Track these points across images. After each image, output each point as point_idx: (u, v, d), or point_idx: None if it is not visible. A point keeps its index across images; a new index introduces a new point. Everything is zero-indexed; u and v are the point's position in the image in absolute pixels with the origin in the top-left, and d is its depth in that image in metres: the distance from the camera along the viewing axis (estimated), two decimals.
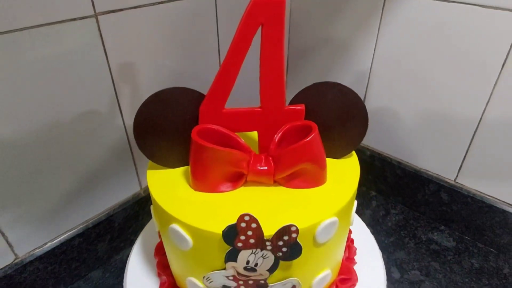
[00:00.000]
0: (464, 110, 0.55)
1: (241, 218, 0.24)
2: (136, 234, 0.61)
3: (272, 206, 0.27)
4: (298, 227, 0.24)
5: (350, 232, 0.41)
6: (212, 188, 0.28)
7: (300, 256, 0.26)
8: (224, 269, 0.27)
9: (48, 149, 0.45)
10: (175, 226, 0.26)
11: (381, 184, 0.70)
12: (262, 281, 0.27)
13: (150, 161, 0.32)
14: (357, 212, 0.51)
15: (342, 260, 0.36)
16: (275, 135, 0.29)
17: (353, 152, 0.33)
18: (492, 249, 0.60)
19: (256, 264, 0.26)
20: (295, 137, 0.28)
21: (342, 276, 0.35)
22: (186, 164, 0.31)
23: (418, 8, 0.53)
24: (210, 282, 0.28)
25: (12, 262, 0.47)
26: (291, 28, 0.71)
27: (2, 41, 0.37)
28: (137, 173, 0.58)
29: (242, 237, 0.24)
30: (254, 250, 0.25)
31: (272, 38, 0.27)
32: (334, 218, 0.26)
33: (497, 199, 0.57)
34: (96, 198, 0.54)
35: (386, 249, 0.60)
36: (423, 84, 0.58)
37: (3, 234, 0.45)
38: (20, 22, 0.37)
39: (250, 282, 0.27)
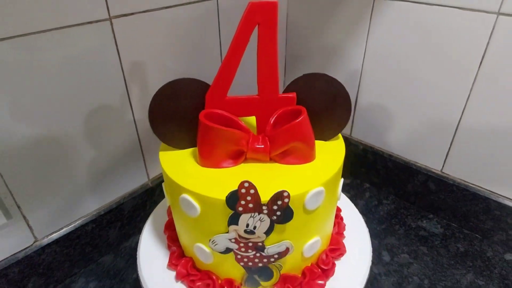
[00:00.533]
0: (447, 104, 0.59)
1: (241, 184, 0.28)
2: (144, 222, 0.65)
3: (268, 178, 0.31)
4: (290, 194, 0.28)
5: (339, 210, 0.45)
6: (216, 164, 0.33)
7: (292, 221, 0.30)
8: (227, 232, 0.31)
9: (65, 143, 0.50)
10: (185, 195, 0.31)
11: (374, 176, 0.74)
12: (260, 243, 0.31)
13: (162, 144, 0.37)
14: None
15: (332, 234, 0.40)
16: (271, 118, 0.33)
17: (339, 135, 0.38)
18: (477, 235, 0.64)
19: (254, 227, 0.30)
20: (287, 120, 0.32)
21: (332, 247, 0.39)
22: (193, 145, 0.35)
23: (404, 10, 0.58)
24: (215, 245, 0.32)
25: (32, 244, 0.52)
26: (288, 35, 0.75)
27: (24, 42, 0.42)
28: (145, 165, 0.62)
29: (242, 202, 0.29)
30: (252, 214, 0.29)
31: (267, 35, 0.31)
32: (321, 188, 0.30)
33: (479, 187, 0.61)
34: (107, 187, 0.58)
35: (378, 236, 0.64)
36: (410, 81, 0.62)
37: (24, 218, 0.49)
38: (42, 25, 0.42)
39: (250, 244, 0.31)
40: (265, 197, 0.29)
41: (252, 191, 0.28)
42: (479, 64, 0.54)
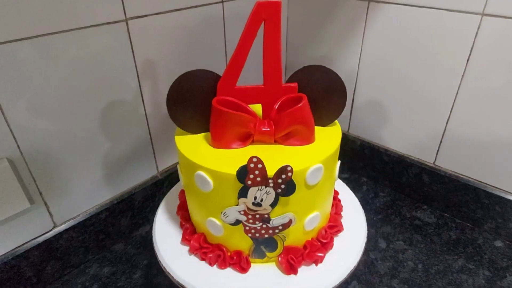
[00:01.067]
0: (438, 101, 0.63)
1: (250, 159, 0.32)
2: (153, 213, 0.69)
3: (273, 157, 0.35)
4: (293, 169, 0.32)
5: (337, 193, 0.49)
6: (227, 145, 0.37)
7: (294, 195, 0.34)
8: (237, 205, 0.35)
9: (82, 136, 0.54)
10: (200, 172, 0.35)
11: (371, 170, 0.78)
12: (266, 215, 0.35)
13: (177, 129, 0.41)
14: None
15: (331, 213, 0.44)
16: (275, 105, 0.37)
17: (336, 122, 0.42)
18: (468, 224, 0.67)
19: (261, 200, 0.34)
20: (290, 106, 0.36)
21: (331, 224, 0.42)
22: (205, 130, 0.39)
23: (395, 13, 0.62)
24: (226, 217, 0.36)
25: (51, 230, 0.55)
26: (288, 42, 0.80)
27: (45, 41, 0.46)
28: (155, 158, 0.66)
29: (251, 176, 0.32)
30: (260, 187, 0.33)
31: (272, 31, 0.35)
32: (320, 165, 0.34)
33: (469, 177, 0.65)
34: (120, 178, 0.62)
35: (374, 225, 0.68)
36: (402, 80, 0.66)
37: (45, 204, 0.53)
38: (62, 26, 0.46)
39: (257, 216, 0.35)
40: (270, 172, 0.33)
41: (259, 165, 0.32)
42: (466, 62, 0.58)
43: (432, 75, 0.62)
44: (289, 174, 0.32)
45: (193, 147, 0.37)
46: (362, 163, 0.79)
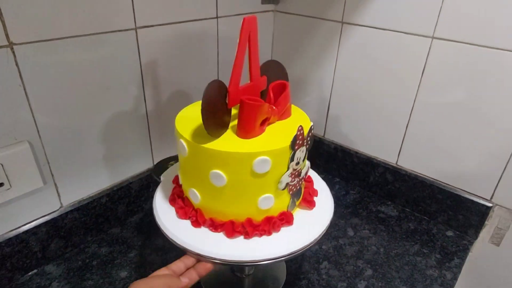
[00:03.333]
0: (398, 110, 0.74)
1: (298, 128, 0.42)
2: (147, 203, 0.76)
3: (285, 128, 0.48)
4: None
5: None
6: (258, 133, 0.45)
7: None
8: (287, 170, 0.44)
9: (90, 129, 0.62)
10: (263, 158, 0.42)
11: (343, 171, 0.88)
12: (300, 170, 0.46)
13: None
14: None
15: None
16: (270, 92, 0.48)
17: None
18: (425, 217, 0.77)
19: (300, 158, 0.44)
20: (276, 92, 0.48)
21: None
22: (219, 131, 0.47)
23: (364, 35, 0.74)
24: (280, 184, 0.44)
25: (58, 209, 0.62)
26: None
27: (58, 45, 0.54)
28: (151, 152, 0.74)
29: (298, 141, 0.43)
30: (301, 148, 0.44)
31: (254, 39, 0.46)
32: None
33: (426, 176, 0.75)
34: (120, 167, 0.69)
35: (344, 217, 0.77)
36: (369, 92, 0.77)
37: (55, 185, 0.60)
38: (76, 31, 0.54)
39: (296, 173, 0.45)
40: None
41: (301, 130, 0.43)
42: (420, 77, 0.69)
43: (393, 88, 0.73)
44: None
45: (227, 143, 0.45)
46: (336, 164, 0.88)
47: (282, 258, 0.46)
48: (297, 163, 0.44)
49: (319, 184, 0.59)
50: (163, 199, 0.54)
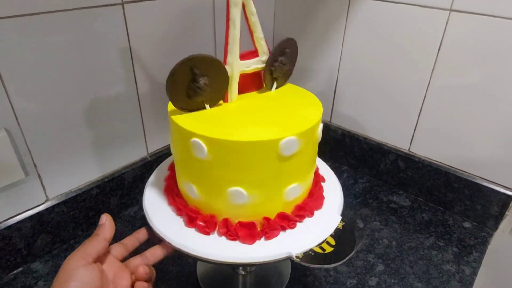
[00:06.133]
0: (411, 92, 0.68)
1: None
2: (141, 194, 0.71)
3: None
4: None
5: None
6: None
7: None
8: None
9: (78, 115, 0.56)
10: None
11: (351, 158, 0.82)
12: None
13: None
14: None
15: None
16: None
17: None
18: (440, 207, 0.72)
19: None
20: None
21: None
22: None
23: (374, 9, 0.67)
24: None
25: (43, 203, 0.57)
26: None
27: (47, 19, 0.49)
28: (145, 140, 0.69)
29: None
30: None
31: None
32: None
33: (441, 163, 0.70)
34: (112, 157, 0.64)
35: (353, 207, 0.72)
36: (379, 72, 0.71)
37: (39, 176, 0.55)
38: (59, 5, 0.49)
39: None
40: None
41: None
42: (436, 56, 0.63)
43: (406, 68, 0.67)
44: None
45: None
46: (343, 151, 0.83)
47: (285, 259, 0.41)
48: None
49: (326, 172, 0.54)
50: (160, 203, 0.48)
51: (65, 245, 0.62)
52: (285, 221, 0.43)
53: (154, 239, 0.45)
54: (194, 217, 0.42)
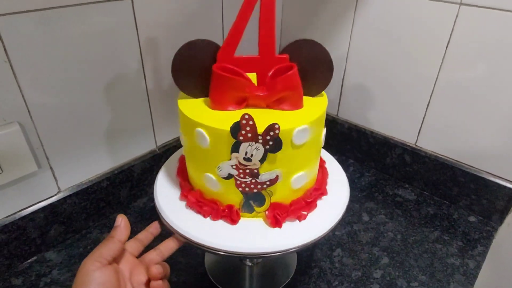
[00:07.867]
0: (419, 86, 0.68)
1: (243, 116, 0.36)
2: (150, 186, 0.72)
3: (264, 118, 0.39)
4: (280, 127, 0.36)
5: (323, 162, 0.53)
6: (224, 107, 0.40)
7: (281, 153, 0.38)
8: (230, 159, 0.39)
9: (87, 108, 0.57)
10: (199, 129, 0.39)
11: (357, 152, 0.82)
12: (255, 170, 0.39)
13: (180, 93, 0.44)
14: None
15: (318, 178, 0.48)
16: (269, 72, 0.41)
17: (324, 93, 0.46)
18: (445, 201, 0.72)
19: (251, 155, 0.38)
20: (282, 74, 0.40)
21: (316, 187, 0.47)
22: (205, 95, 0.43)
23: (382, 2, 0.67)
24: (220, 170, 0.40)
25: (56, 194, 0.59)
26: (282, 32, 0.84)
27: (57, 14, 0.49)
28: (154, 133, 0.70)
29: (243, 132, 0.36)
30: (250, 143, 0.37)
31: (267, 5, 0.40)
32: (306, 126, 0.39)
33: (447, 157, 0.70)
34: (121, 150, 0.65)
35: (359, 201, 0.72)
36: (386, 66, 0.71)
37: (51, 168, 0.57)
38: (70, 0, 0.50)
39: (247, 171, 0.39)
40: (261, 129, 0.37)
41: (251, 122, 0.36)
42: (444, 51, 0.63)
43: (414, 63, 0.67)
44: (276, 131, 0.36)
45: (193, 108, 0.41)
46: (350, 145, 0.83)
47: (293, 250, 0.41)
48: (247, 159, 0.38)
49: (333, 166, 0.54)
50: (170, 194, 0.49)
51: (78, 235, 0.63)
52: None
53: (166, 231, 0.46)
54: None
